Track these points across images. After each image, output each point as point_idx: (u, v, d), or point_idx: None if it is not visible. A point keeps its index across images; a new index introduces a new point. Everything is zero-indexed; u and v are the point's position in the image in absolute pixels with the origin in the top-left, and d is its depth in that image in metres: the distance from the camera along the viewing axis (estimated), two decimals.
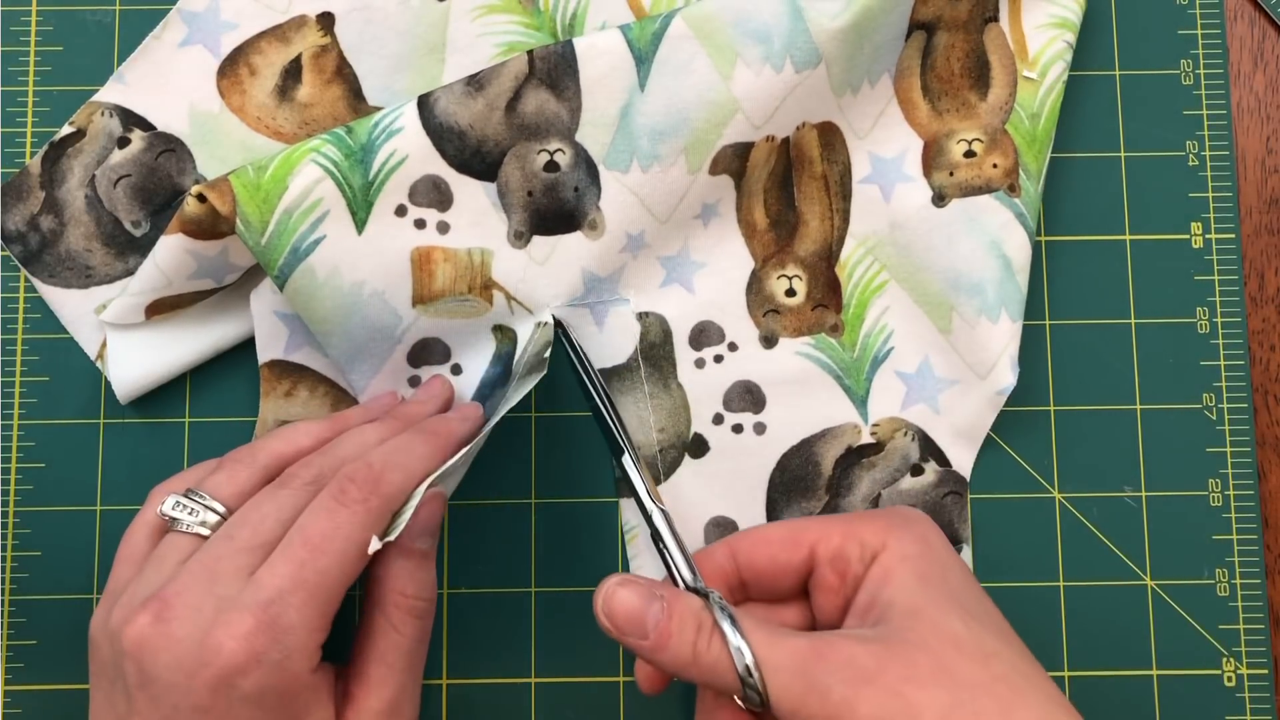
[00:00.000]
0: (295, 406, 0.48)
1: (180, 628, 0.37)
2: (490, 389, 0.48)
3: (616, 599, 0.38)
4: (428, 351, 0.48)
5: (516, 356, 0.48)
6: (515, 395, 0.44)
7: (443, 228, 0.47)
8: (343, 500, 0.40)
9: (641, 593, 0.38)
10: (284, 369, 0.48)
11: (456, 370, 0.48)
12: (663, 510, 0.43)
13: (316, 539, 0.39)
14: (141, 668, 0.37)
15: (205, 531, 0.41)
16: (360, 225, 0.46)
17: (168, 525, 0.41)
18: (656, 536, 0.42)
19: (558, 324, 0.48)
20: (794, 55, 0.47)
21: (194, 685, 0.37)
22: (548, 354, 0.46)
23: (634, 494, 0.43)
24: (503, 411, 0.44)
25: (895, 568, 0.40)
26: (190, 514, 0.41)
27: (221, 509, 0.41)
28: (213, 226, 0.45)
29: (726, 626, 0.38)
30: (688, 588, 0.41)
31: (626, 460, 0.44)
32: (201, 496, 0.41)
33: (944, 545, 0.42)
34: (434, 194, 0.47)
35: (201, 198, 0.44)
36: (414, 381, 0.48)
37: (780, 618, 0.43)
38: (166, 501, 0.41)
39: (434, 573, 0.43)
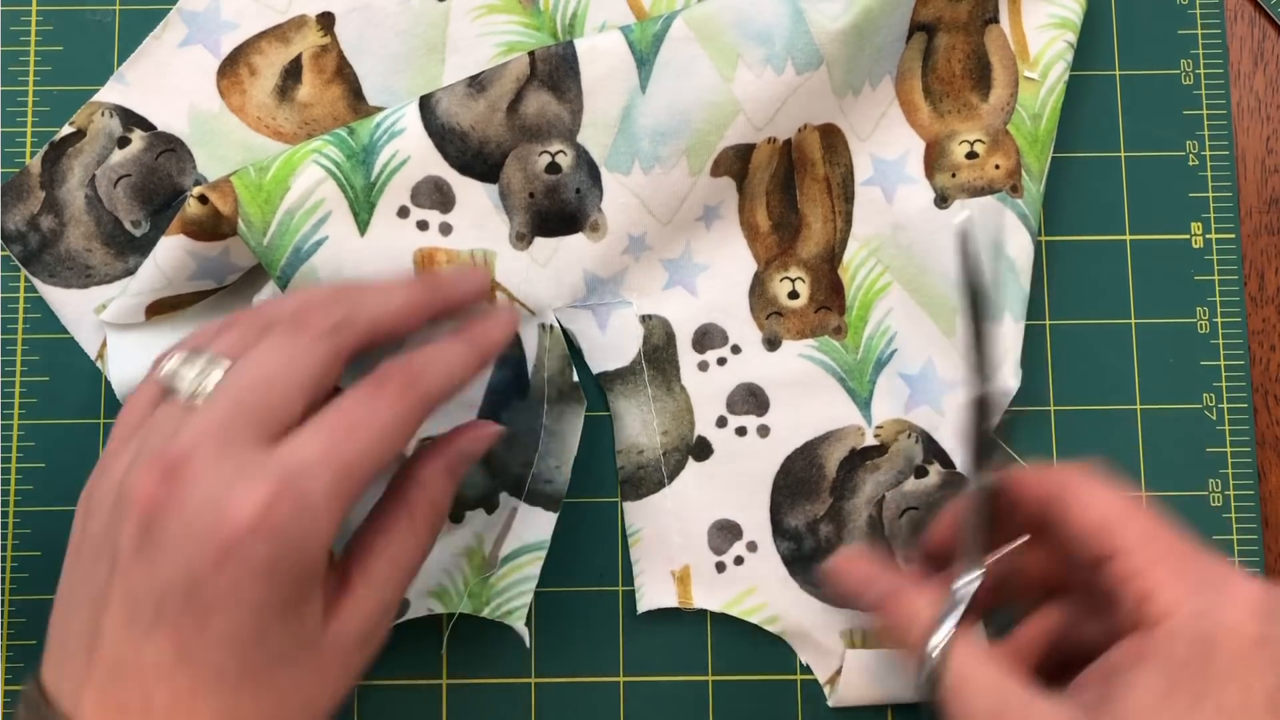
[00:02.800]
0: None
1: (196, 489, 0.34)
2: (499, 395, 0.48)
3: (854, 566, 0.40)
4: None
5: (531, 365, 0.48)
6: (569, 434, 0.48)
7: (445, 229, 0.47)
8: (381, 391, 0.37)
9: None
10: None
11: None
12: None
13: (353, 418, 0.36)
14: (145, 530, 0.34)
15: (210, 391, 0.37)
16: (363, 226, 0.46)
17: (168, 389, 0.37)
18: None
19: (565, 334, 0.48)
20: (795, 57, 0.47)
21: (202, 551, 0.33)
22: (575, 378, 0.48)
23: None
24: (570, 455, 0.47)
25: (1152, 655, 0.35)
26: (196, 373, 0.37)
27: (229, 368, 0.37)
28: (214, 228, 0.45)
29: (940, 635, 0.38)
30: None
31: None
32: (208, 358, 0.37)
33: (1244, 643, 0.35)
34: (436, 195, 0.47)
35: (203, 199, 0.44)
36: None
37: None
38: (170, 363, 0.38)
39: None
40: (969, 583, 0.40)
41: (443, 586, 0.47)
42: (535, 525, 0.48)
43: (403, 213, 0.46)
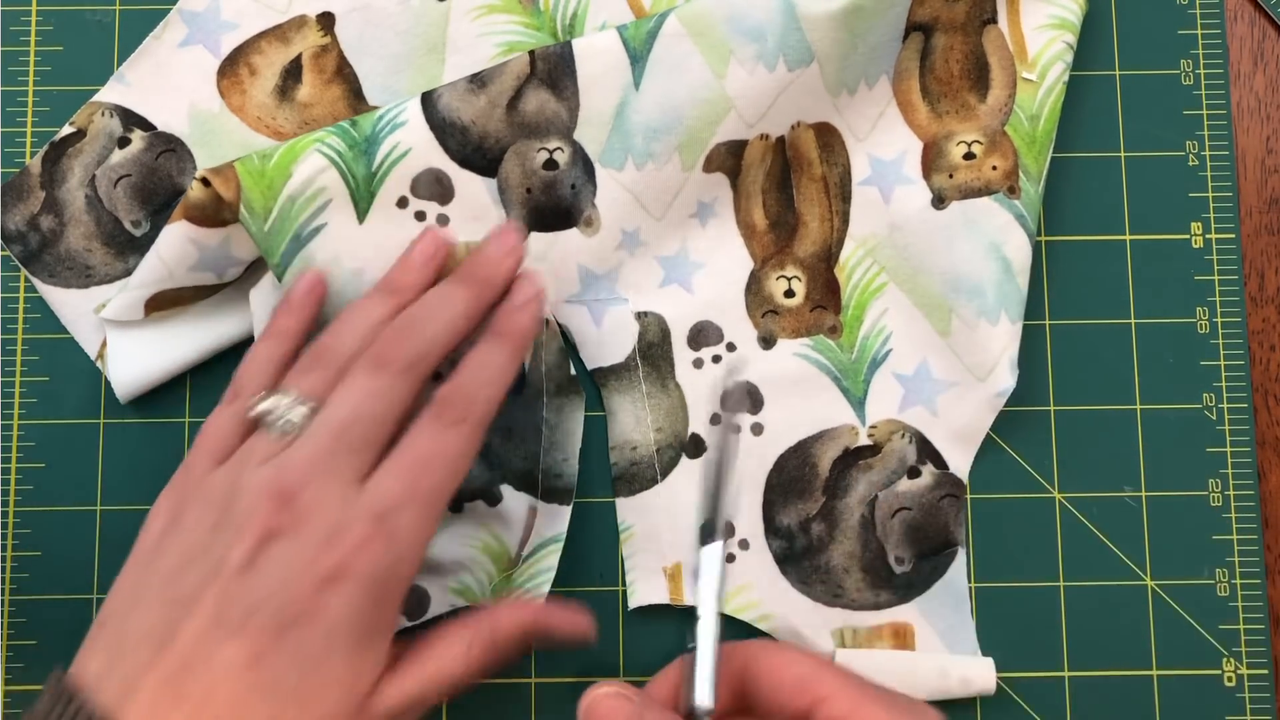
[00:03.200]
0: None
1: (308, 519, 0.38)
2: None
3: (601, 708, 0.41)
4: None
5: (528, 361, 0.48)
6: (572, 428, 0.49)
7: (442, 220, 0.47)
8: (443, 421, 0.41)
9: (627, 710, 0.40)
10: None
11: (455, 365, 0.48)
12: (720, 617, 0.41)
13: (425, 456, 0.40)
14: (258, 549, 0.38)
15: (298, 434, 0.41)
16: (362, 215, 0.46)
17: (256, 423, 0.42)
18: (691, 636, 0.41)
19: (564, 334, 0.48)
20: (787, 54, 0.47)
21: (304, 576, 0.38)
22: (574, 372, 0.48)
23: (697, 589, 0.42)
24: (575, 448, 0.49)
25: None
26: (285, 416, 0.41)
27: (317, 408, 0.41)
28: (216, 213, 0.45)
29: None
30: (688, 710, 0.40)
31: (710, 550, 0.42)
32: (296, 398, 0.41)
33: None
34: (435, 187, 0.47)
35: (206, 182, 0.45)
36: None
37: None
38: (261, 404, 0.41)
39: None
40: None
41: (464, 583, 0.47)
42: (552, 520, 0.48)
43: (402, 203, 0.47)
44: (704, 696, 0.40)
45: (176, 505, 0.41)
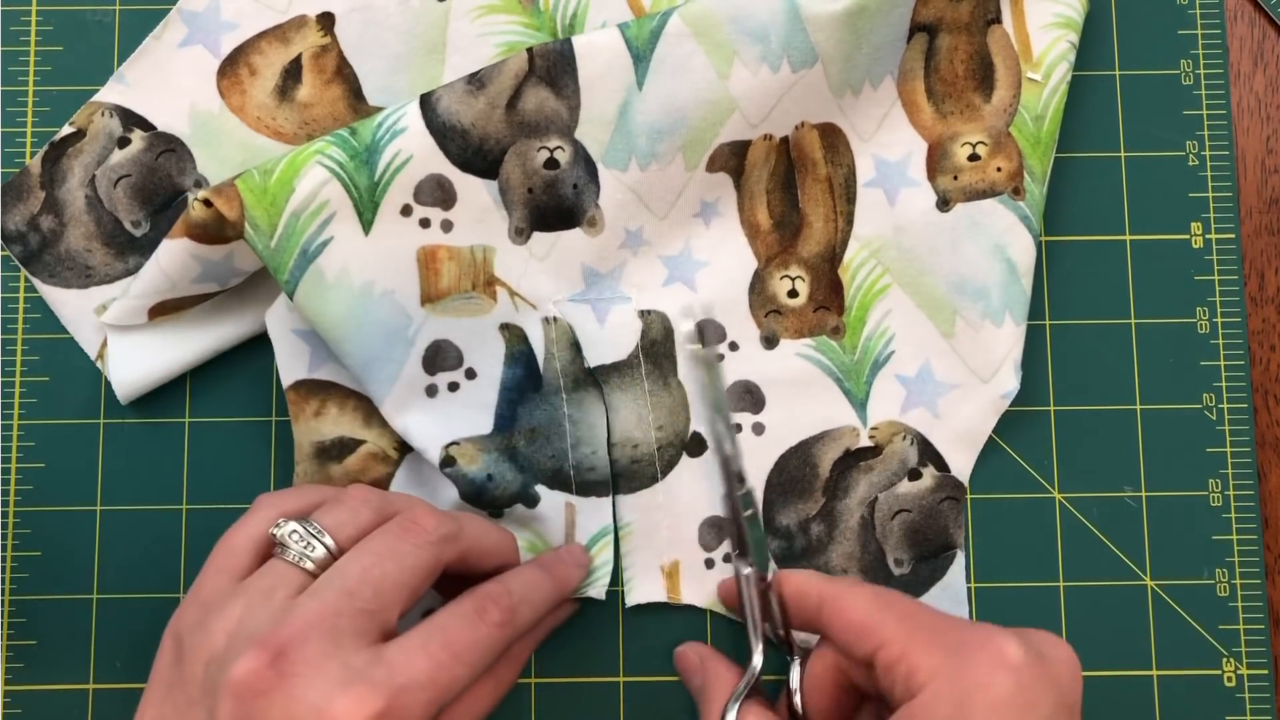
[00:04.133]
0: (327, 424, 0.48)
1: (302, 686, 0.36)
2: (514, 392, 0.48)
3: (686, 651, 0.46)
4: (441, 356, 0.48)
5: (541, 359, 0.48)
6: (595, 420, 0.48)
7: (446, 226, 0.47)
8: (483, 618, 0.40)
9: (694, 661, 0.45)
10: (311, 388, 0.48)
11: (471, 375, 0.48)
12: (767, 578, 0.43)
13: (458, 647, 0.39)
14: (245, 709, 0.36)
15: (311, 567, 0.39)
16: (367, 226, 0.46)
17: (272, 547, 0.40)
18: (744, 602, 0.44)
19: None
20: (791, 55, 0.47)
21: None
22: (588, 364, 0.48)
23: (742, 551, 0.44)
24: (601, 439, 0.48)
25: None
26: (303, 546, 0.40)
27: (334, 548, 0.40)
28: (219, 231, 0.45)
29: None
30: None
31: (748, 518, 0.44)
32: (319, 532, 0.40)
33: (998, 695, 0.37)
34: (438, 193, 0.47)
35: (207, 203, 0.44)
36: (431, 391, 0.47)
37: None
38: (283, 527, 0.40)
39: None
40: (758, 659, 0.42)
41: None
42: (594, 513, 0.48)
43: (405, 211, 0.47)
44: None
45: (180, 629, 0.40)
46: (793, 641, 0.43)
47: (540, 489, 0.47)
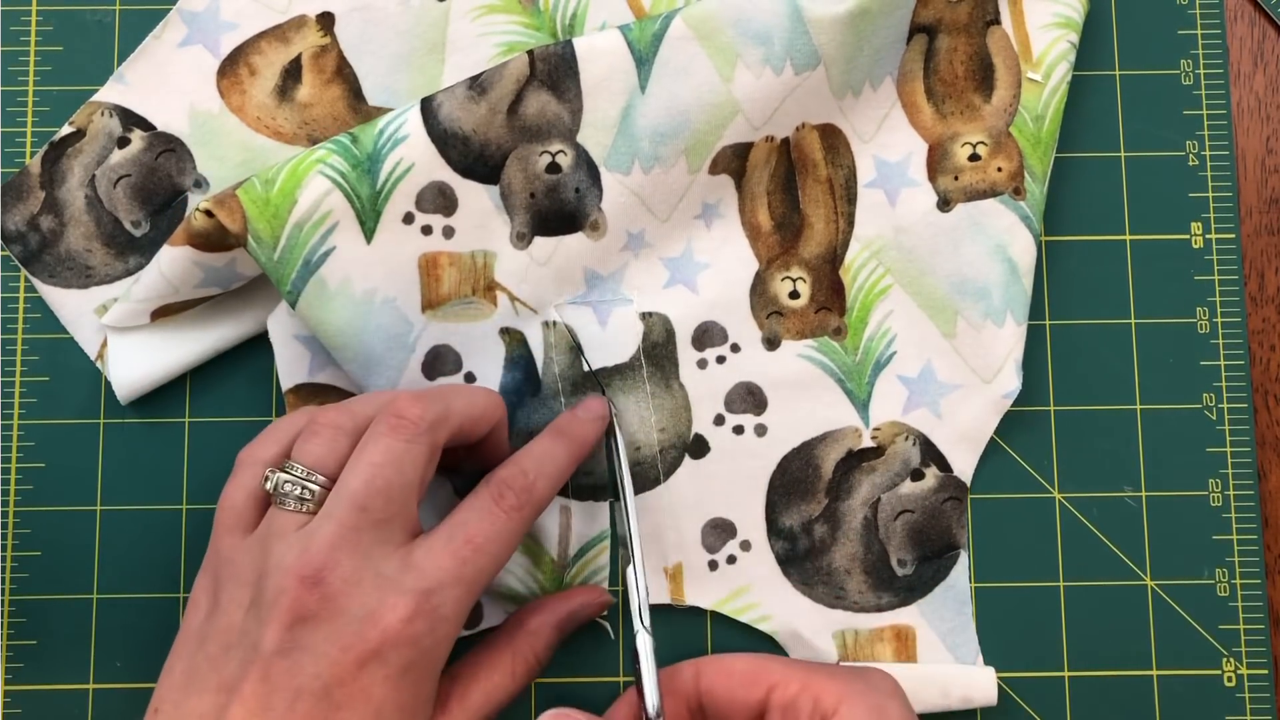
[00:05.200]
0: None
1: (342, 598, 0.38)
2: (513, 396, 0.48)
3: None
4: (441, 361, 0.47)
5: (540, 363, 0.48)
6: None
7: (448, 232, 0.47)
8: (501, 505, 0.41)
9: None
10: (310, 391, 0.48)
11: (470, 379, 0.48)
12: (649, 634, 0.44)
13: (479, 540, 0.40)
14: (291, 633, 0.38)
15: (314, 508, 0.40)
16: (369, 235, 0.46)
17: (269, 498, 0.41)
18: (634, 657, 0.44)
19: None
20: (794, 57, 0.47)
21: (346, 656, 0.38)
22: (587, 368, 0.48)
23: (627, 608, 0.45)
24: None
25: None
26: (299, 491, 0.40)
27: (326, 481, 0.40)
28: (221, 240, 0.45)
29: None
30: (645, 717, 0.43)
31: (632, 571, 0.45)
32: (304, 472, 0.40)
33: (898, 712, 0.41)
34: (440, 200, 0.47)
35: (209, 214, 0.44)
36: None
37: None
38: (272, 479, 0.41)
39: None
40: None
41: (510, 588, 0.47)
42: (591, 518, 0.48)
43: (408, 219, 0.47)
44: (651, 699, 0.42)
45: (213, 584, 0.41)
46: None
47: None
